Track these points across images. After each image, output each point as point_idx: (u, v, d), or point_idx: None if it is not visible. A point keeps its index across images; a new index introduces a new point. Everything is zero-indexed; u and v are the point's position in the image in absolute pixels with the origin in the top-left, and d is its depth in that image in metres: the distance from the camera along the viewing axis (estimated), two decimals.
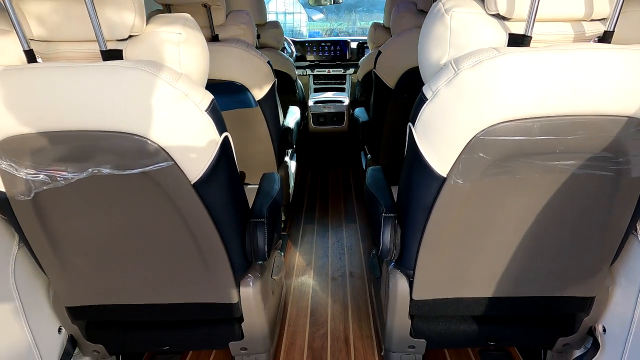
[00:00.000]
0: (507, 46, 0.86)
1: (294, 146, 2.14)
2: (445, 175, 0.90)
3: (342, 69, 3.29)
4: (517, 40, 0.84)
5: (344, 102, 3.01)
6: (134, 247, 1.03)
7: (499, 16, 0.87)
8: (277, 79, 1.83)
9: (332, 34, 4.70)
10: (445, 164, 0.89)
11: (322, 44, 3.29)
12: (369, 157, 2.36)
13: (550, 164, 0.87)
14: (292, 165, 2.29)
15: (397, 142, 1.02)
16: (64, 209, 0.94)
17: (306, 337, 1.60)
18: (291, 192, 2.27)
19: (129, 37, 0.91)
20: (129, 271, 1.09)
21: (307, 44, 3.30)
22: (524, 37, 0.82)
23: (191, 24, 0.97)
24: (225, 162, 0.97)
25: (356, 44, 3.30)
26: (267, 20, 2.48)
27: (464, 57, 0.82)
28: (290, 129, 2.06)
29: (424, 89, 0.90)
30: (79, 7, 0.85)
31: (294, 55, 3.27)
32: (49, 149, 0.83)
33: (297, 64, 3.22)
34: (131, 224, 0.99)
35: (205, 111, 0.88)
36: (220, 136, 0.93)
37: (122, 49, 0.90)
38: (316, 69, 3.30)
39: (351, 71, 3.29)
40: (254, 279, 1.18)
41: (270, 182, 1.36)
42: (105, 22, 0.85)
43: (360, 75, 2.87)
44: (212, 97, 0.93)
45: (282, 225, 2.22)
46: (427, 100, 0.87)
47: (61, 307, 1.18)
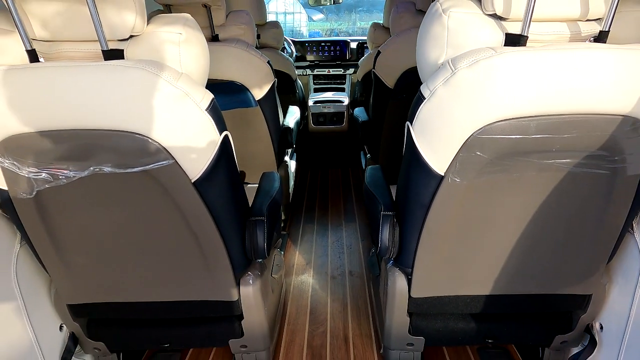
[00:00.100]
0: (504, 46, 0.87)
1: (294, 146, 2.15)
2: (442, 173, 0.91)
3: (341, 69, 3.30)
4: (514, 40, 0.85)
5: (343, 102, 3.02)
6: (134, 245, 1.04)
7: (495, 16, 0.88)
8: (277, 79, 1.84)
9: (332, 34, 4.70)
10: (442, 162, 0.90)
11: (322, 44, 3.30)
12: (369, 156, 2.37)
13: (546, 162, 0.87)
14: (292, 164, 2.30)
15: (397, 142, 1.03)
16: (65, 207, 0.95)
17: (306, 335, 1.61)
18: (291, 191, 2.28)
19: (130, 37, 0.92)
20: (130, 269, 1.09)
21: (307, 44, 3.31)
22: (521, 36, 0.83)
23: (191, 24, 0.98)
24: (225, 160, 0.98)
25: (356, 44, 3.30)
26: (267, 20, 2.49)
27: (461, 57, 0.83)
28: (290, 128, 2.07)
29: (422, 88, 0.91)
30: (81, 7, 0.86)
31: (294, 55, 3.28)
32: (50, 148, 0.84)
33: (297, 64, 3.23)
34: (132, 222, 1.00)
35: (205, 110, 0.89)
36: (220, 135, 0.94)
37: (123, 49, 0.91)
38: (316, 69, 3.31)
39: (351, 71, 3.29)
40: (254, 277, 1.19)
41: (270, 181, 1.37)
42: (106, 22, 0.86)
43: (359, 75, 2.88)
44: (212, 96, 0.94)
45: (282, 224, 2.23)
46: (424, 99, 0.88)
47: (62, 304, 1.19)
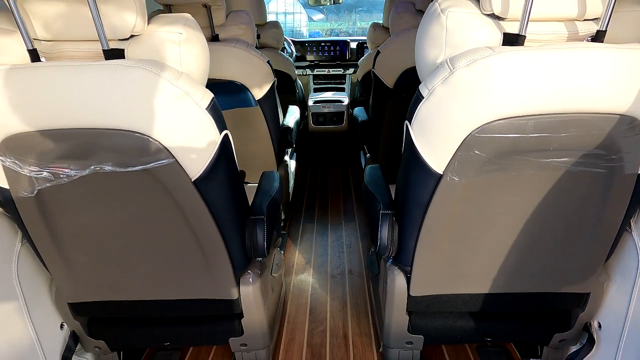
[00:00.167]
0: (502, 45, 0.87)
1: (294, 145, 2.15)
2: (441, 172, 0.91)
3: (341, 69, 3.30)
4: (512, 39, 0.85)
5: (343, 102, 3.03)
6: (135, 244, 1.05)
7: (493, 16, 0.89)
8: (276, 79, 1.85)
9: (332, 34, 4.71)
10: (441, 161, 0.90)
11: (322, 44, 3.31)
12: (368, 156, 2.38)
13: (544, 161, 0.88)
14: (291, 164, 2.31)
15: (396, 141, 1.04)
16: (66, 206, 0.96)
17: (305, 334, 1.62)
18: (291, 191, 2.29)
19: (131, 36, 0.93)
20: (130, 267, 1.10)
21: (307, 44, 3.32)
22: (518, 36, 0.84)
23: (192, 24, 0.98)
24: (225, 159, 0.98)
25: (356, 44, 3.31)
26: (267, 20, 2.49)
27: (459, 56, 0.83)
28: (289, 128, 2.08)
29: (421, 87, 0.91)
30: (82, 7, 0.86)
31: (294, 55, 3.29)
32: (52, 147, 0.85)
33: (297, 64, 3.24)
34: (132, 221, 1.00)
35: (205, 109, 0.90)
36: (220, 134, 0.95)
37: (124, 49, 0.91)
38: (316, 69, 3.31)
39: (351, 71, 3.30)
40: (253, 276, 1.20)
41: (269, 180, 1.38)
42: (107, 22, 0.87)
43: (359, 75, 2.88)
44: (212, 95, 0.94)
45: (281, 223, 2.24)
46: (423, 98, 0.89)
47: (63, 303, 1.19)
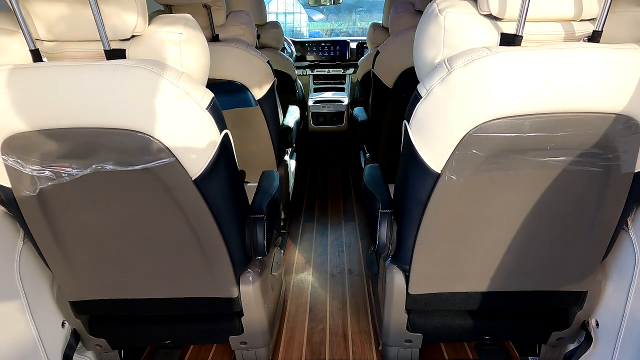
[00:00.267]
0: (499, 45, 0.88)
1: (294, 145, 2.16)
2: (439, 171, 0.92)
3: (341, 69, 3.31)
4: (509, 39, 0.86)
5: (343, 102, 3.03)
6: (136, 242, 1.06)
7: (491, 16, 0.89)
8: (276, 79, 1.86)
9: (332, 34, 4.72)
10: (439, 160, 0.91)
11: (322, 44, 3.32)
12: (368, 155, 2.38)
13: (541, 160, 0.89)
14: (291, 164, 2.32)
15: (395, 141, 1.05)
16: (68, 205, 0.97)
17: (305, 332, 1.62)
18: (291, 190, 2.29)
19: (132, 37, 0.94)
20: (131, 266, 1.11)
21: (307, 44, 3.32)
22: (515, 36, 0.85)
23: (192, 24, 0.99)
24: (225, 158, 0.99)
25: (356, 44, 3.32)
26: (267, 20, 2.50)
27: (457, 56, 0.84)
28: (289, 128, 2.09)
29: (419, 87, 0.92)
30: (83, 8, 0.87)
31: (294, 55, 3.30)
32: (54, 146, 0.86)
33: (297, 64, 3.24)
34: (133, 220, 1.01)
35: (205, 109, 0.91)
36: (220, 133, 0.96)
37: (125, 49, 0.92)
38: (316, 69, 3.32)
39: (351, 71, 3.31)
40: (253, 275, 1.21)
41: (269, 179, 1.39)
42: (108, 22, 0.87)
43: (359, 75, 2.89)
44: (212, 95, 0.95)
45: (281, 223, 2.25)
46: (421, 98, 0.89)
47: (65, 301, 1.20)
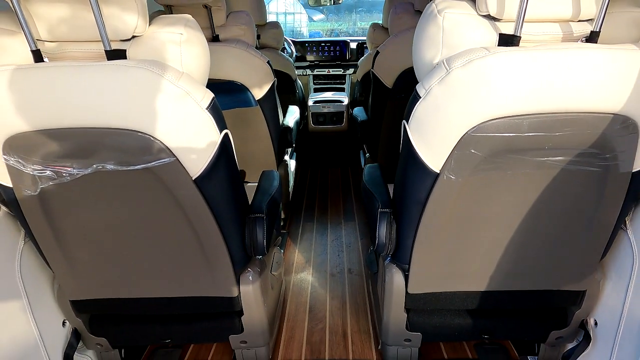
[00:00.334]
0: (498, 46, 0.89)
1: (294, 145, 2.17)
2: (438, 171, 0.93)
3: (341, 69, 3.31)
4: (507, 40, 0.87)
5: (343, 102, 3.04)
6: (136, 242, 1.06)
7: (489, 17, 0.90)
8: (276, 79, 1.86)
9: (332, 34, 4.72)
10: (438, 160, 0.92)
11: (322, 44, 3.32)
12: (368, 155, 2.39)
13: (539, 159, 0.89)
14: (291, 164, 2.32)
15: (395, 141, 1.05)
16: (68, 204, 0.97)
17: (305, 332, 1.63)
18: (291, 190, 2.30)
19: (132, 37, 0.94)
20: (132, 265, 1.11)
21: (307, 44, 3.33)
22: (514, 37, 0.85)
23: (192, 25, 1.00)
24: (225, 158, 1.00)
25: (356, 44, 3.32)
26: (268, 20, 2.51)
27: (456, 57, 0.85)
28: (289, 128, 2.09)
29: (418, 87, 0.93)
30: (84, 8, 0.88)
31: (294, 55, 3.30)
32: (55, 146, 0.86)
33: (297, 64, 3.25)
34: (134, 219, 1.01)
35: (206, 109, 0.91)
36: (220, 133, 0.96)
37: (125, 49, 0.93)
38: (316, 69, 3.33)
39: (351, 71, 3.31)
40: (253, 274, 1.21)
41: (269, 179, 1.39)
42: (109, 23, 0.88)
43: (359, 75, 2.89)
44: (212, 95, 0.96)
45: (281, 222, 2.25)
46: (420, 98, 0.90)
47: (65, 300, 1.21)
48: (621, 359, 1.12)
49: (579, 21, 0.91)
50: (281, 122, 2.11)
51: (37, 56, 0.86)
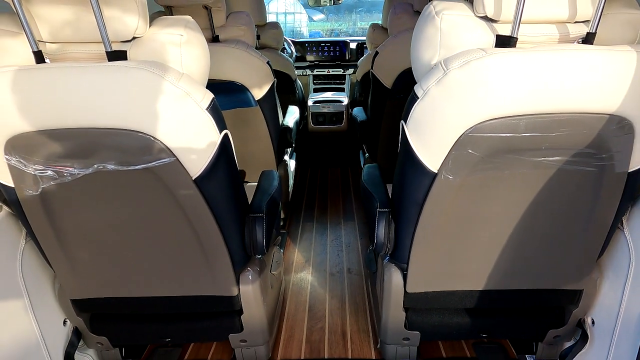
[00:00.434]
0: (495, 47, 0.89)
1: (293, 145, 2.17)
2: (436, 171, 0.93)
3: (341, 69, 3.32)
4: (504, 41, 0.88)
5: (343, 102, 3.05)
6: (137, 241, 1.07)
7: (486, 18, 0.91)
8: (276, 79, 1.87)
9: (332, 34, 4.73)
10: (435, 160, 0.92)
11: (322, 45, 3.33)
12: (367, 155, 2.40)
13: (536, 159, 0.90)
14: (291, 164, 2.33)
15: (394, 141, 1.06)
16: (70, 204, 0.98)
17: (304, 331, 1.64)
18: (290, 190, 2.31)
19: (133, 38, 0.95)
20: (132, 264, 1.12)
21: (306, 45, 3.34)
22: (510, 38, 0.86)
23: (192, 26, 1.00)
24: (225, 158, 1.00)
25: (355, 44, 3.33)
26: (268, 21, 2.51)
27: (453, 58, 0.85)
28: (289, 128, 2.10)
29: (416, 88, 0.94)
30: (85, 10, 0.88)
31: (294, 55, 3.31)
32: (56, 146, 0.87)
33: (297, 64, 3.26)
34: (134, 219, 1.02)
35: (205, 109, 0.92)
36: (220, 134, 0.97)
37: (126, 50, 0.94)
38: (316, 69, 3.33)
39: (350, 71, 3.32)
40: (253, 273, 1.22)
41: (268, 179, 1.40)
42: (110, 25, 0.89)
43: (359, 75, 2.90)
44: (212, 96, 0.97)
45: (281, 222, 2.26)
46: (418, 98, 0.91)
47: (66, 299, 1.21)
48: (618, 357, 1.13)
49: (575, 22, 0.92)
50: (281, 122, 2.11)
51: (39, 57, 0.87)
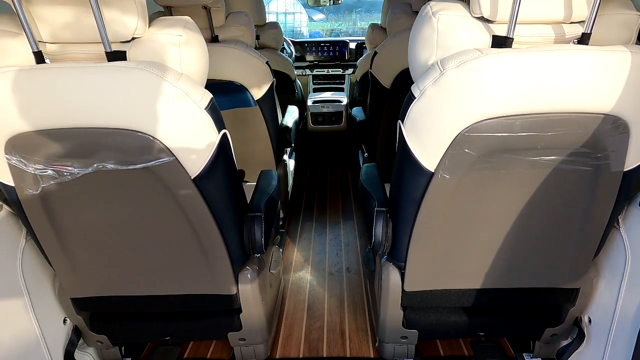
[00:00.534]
0: (491, 47, 0.90)
1: (293, 145, 2.18)
2: (432, 170, 0.94)
3: (341, 69, 3.33)
4: (500, 41, 0.88)
5: (342, 102, 3.05)
6: (136, 240, 1.08)
7: (483, 19, 0.91)
8: (276, 79, 1.87)
9: (332, 34, 4.74)
10: (432, 159, 0.93)
11: (321, 45, 3.34)
12: (366, 155, 2.40)
13: (532, 159, 0.91)
14: (290, 163, 2.34)
15: (393, 141, 1.07)
16: (69, 203, 0.99)
17: (303, 330, 1.65)
18: (290, 190, 2.31)
19: (132, 39, 0.96)
20: (132, 263, 1.13)
21: (306, 45, 3.34)
22: (507, 38, 0.87)
23: (191, 27, 1.01)
24: (223, 158, 1.01)
25: (355, 44, 3.34)
26: (267, 20, 2.52)
27: (450, 58, 0.86)
28: (288, 128, 2.11)
29: (412, 88, 0.94)
30: (85, 11, 0.89)
31: (294, 55, 3.32)
32: (56, 146, 0.88)
33: (296, 64, 3.26)
34: (134, 218, 1.03)
35: (204, 109, 0.93)
36: (219, 133, 0.98)
37: (125, 51, 0.94)
38: (315, 69, 3.34)
39: (350, 71, 3.33)
40: (252, 272, 1.23)
41: (267, 178, 1.41)
42: (110, 25, 0.89)
43: (358, 75, 2.91)
44: (211, 95, 0.97)
45: (280, 221, 2.26)
46: (415, 98, 0.92)
47: (66, 298, 1.22)
48: (614, 356, 1.13)
49: (571, 23, 0.93)
50: (280, 122, 2.12)
51: (39, 58, 0.88)
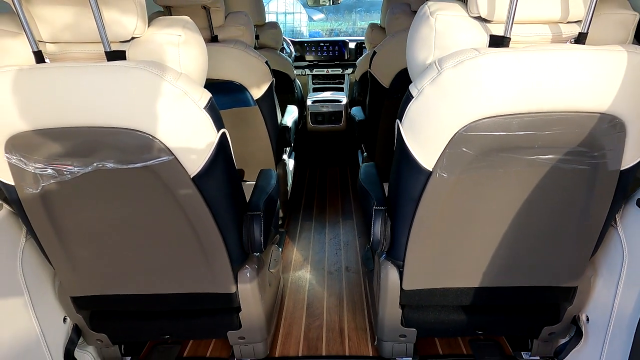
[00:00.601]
0: (488, 47, 0.91)
1: (292, 144, 2.18)
2: (430, 169, 0.95)
3: (340, 69, 3.33)
4: (497, 41, 0.89)
5: (341, 102, 3.06)
6: (136, 239, 1.08)
7: (480, 19, 0.92)
8: (275, 79, 1.88)
9: (332, 34, 4.74)
10: (430, 158, 0.94)
11: (321, 44, 3.34)
12: (365, 155, 2.41)
13: (529, 158, 0.91)
14: (290, 163, 2.34)
15: (392, 141, 1.07)
16: (69, 202, 0.99)
17: (302, 328, 1.65)
18: (289, 189, 2.32)
19: (132, 38, 0.96)
20: (131, 262, 1.14)
21: (306, 44, 3.35)
22: (504, 38, 0.87)
23: (190, 27, 1.02)
24: (223, 157, 1.02)
25: (354, 44, 3.34)
26: (267, 20, 2.52)
27: (447, 57, 0.87)
28: (288, 127, 2.11)
29: (410, 87, 0.95)
30: (85, 11, 0.90)
31: (293, 55, 3.32)
32: (56, 145, 0.88)
33: (296, 64, 3.27)
34: (133, 217, 1.04)
35: (203, 109, 0.93)
36: (218, 132, 0.98)
37: (125, 50, 0.95)
38: (315, 69, 3.34)
39: (349, 71, 3.33)
40: (251, 271, 1.23)
41: (266, 178, 1.41)
42: (109, 25, 0.90)
43: (357, 75, 2.91)
44: (210, 95, 0.98)
45: (279, 221, 2.27)
46: (413, 98, 0.92)
47: (66, 297, 1.23)
48: (612, 354, 1.14)
49: (568, 23, 0.93)
50: (280, 121, 2.12)
51: (39, 57, 0.88)
